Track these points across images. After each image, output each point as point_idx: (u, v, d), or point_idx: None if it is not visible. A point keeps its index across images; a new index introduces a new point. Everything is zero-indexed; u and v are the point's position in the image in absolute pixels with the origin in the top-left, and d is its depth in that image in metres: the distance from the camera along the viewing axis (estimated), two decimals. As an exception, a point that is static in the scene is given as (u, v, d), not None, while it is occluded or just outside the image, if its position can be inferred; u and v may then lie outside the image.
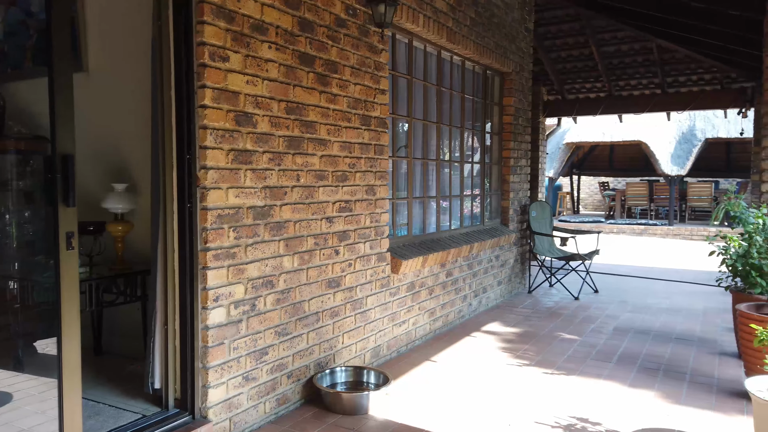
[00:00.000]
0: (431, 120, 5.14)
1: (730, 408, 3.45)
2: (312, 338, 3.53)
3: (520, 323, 5.48)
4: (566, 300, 6.58)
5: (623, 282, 7.78)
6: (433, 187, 5.23)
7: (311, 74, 3.42)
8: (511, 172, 6.72)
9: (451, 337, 5.00)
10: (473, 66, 5.94)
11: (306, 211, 3.42)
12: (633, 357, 4.44)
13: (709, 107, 9.12)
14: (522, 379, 3.94)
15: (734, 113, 14.43)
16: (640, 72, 9.04)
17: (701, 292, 7.15)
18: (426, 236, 5.07)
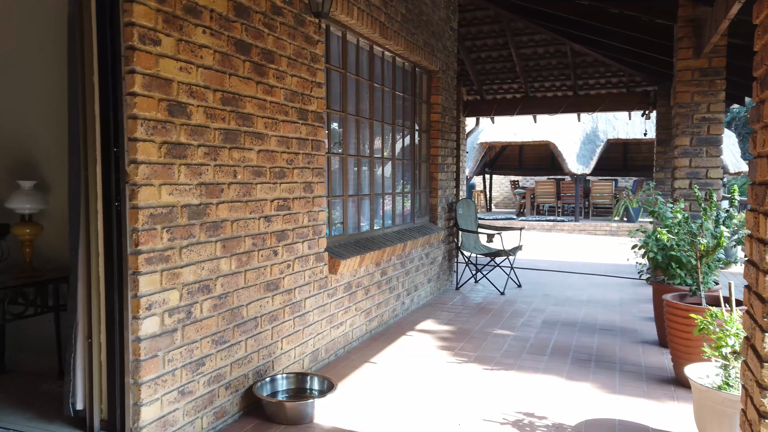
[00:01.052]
0: (364, 116, 5.03)
1: (661, 394, 3.61)
2: (251, 345, 3.31)
3: (453, 320, 5.50)
4: (493, 295, 6.70)
5: (542, 276, 8.06)
6: (366, 184, 5.13)
7: (248, 63, 3.20)
8: (439, 170, 6.75)
9: (388, 336, 4.92)
10: (403, 63, 5.89)
11: (244, 210, 3.20)
12: (565, 349, 4.57)
13: (616, 109, 9.67)
14: (463, 376, 3.93)
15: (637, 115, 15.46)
16: (554, 74, 9.42)
17: (613, 284, 7.54)
18: (361, 235, 4.96)
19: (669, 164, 8.77)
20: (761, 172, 1.96)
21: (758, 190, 1.99)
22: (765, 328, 1.89)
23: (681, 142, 5.17)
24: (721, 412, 2.62)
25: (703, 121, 5.10)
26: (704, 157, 5.12)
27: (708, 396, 2.67)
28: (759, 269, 1.97)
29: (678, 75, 5.19)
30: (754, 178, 2.08)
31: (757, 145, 2.03)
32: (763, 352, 1.90)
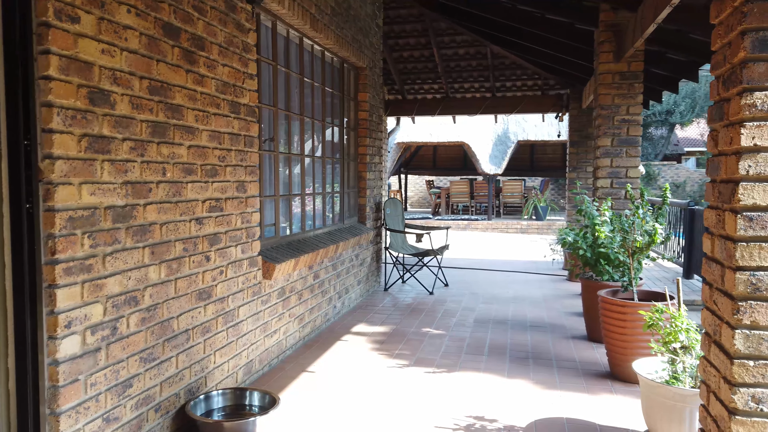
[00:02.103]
0: (295, 112, 4.79)
1: (599, 389, 3.67)
2: (182, 361, 3.00)
3: (386, 322, 5.38)
4: (422, 295, 6.66)
5: (466, 274, 8.14)
6: (297, 184, 4.89)
7: (177, 49, 2.89)
8: (368, 169, 6.62)
9: (322, 343, 4.71)
10: (332, 58, 5.70)
11: (174, 212, 2.89)
12: (501, 348, 4.58)
13: (532, 111, 9.98)
14: (407, 381, 3.81)
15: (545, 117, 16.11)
16: (473, 76, 9.57)
17: (534, 281, 7.75)
18: (293, 237, 4.71)
19: (582, 164, 9.18)
20: (726, 169, 1.98)
21: (723, 187, 2.01)
22: (734, 325, 1.90)
23: (603, 143, 5.36)
24: (671, 406, 2.67)
25: (623, 122, 5.31)
26: (624, 157, 5.33)
27: (658, 391, 2.71)
28: (725, 266, 1.99)
29: (599, 78, 5.37)
30: (716, 176, 2.10)
31: (720, 143, 2.05)
32: (732, 349, 1.91)
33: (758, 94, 1.84)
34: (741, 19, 1.85)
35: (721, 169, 2.03)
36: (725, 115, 2.00)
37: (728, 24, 1.97)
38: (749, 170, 1.86)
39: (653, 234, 3.63)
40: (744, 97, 1.85)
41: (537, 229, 15.91)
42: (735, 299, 1.90)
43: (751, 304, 1.88)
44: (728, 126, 1.98)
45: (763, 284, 1.86)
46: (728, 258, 1.93)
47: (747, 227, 1.87)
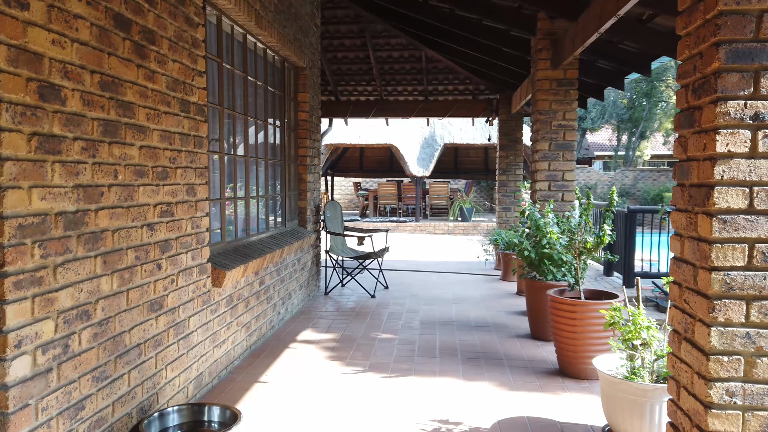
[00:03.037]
0: (239, 112, 4.61)
1: (554, 387, 3.78)
2: (134, 378, 2.79)
3: (333, 327, 5.29)
4: (364, 298, 6.61)
5: (404, 276, 8.18)
6: (242, 186, 4.70)
7: (128, 42, 2.68)
8: (308, 171, 6.50)
9: (270, 351, 4.55)
10: (273, 57, 5.54)
11: (125, 217, 2.68)
12: (452, 349, 4.61)
13: (464, 115, 10.19)
14: (365, 387, 3.75)
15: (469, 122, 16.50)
16: (407, 79, 9.65)
17: (470, 281, 7.90)
18: (238, 242, 4.52)
19: (511, 167, 9.48)
20: (699, 174, 2.07)
21: (695, 191, 2.10)
22: (709, 323, 2.00)
23: (541, 147, 5.54)
24: (633, 401, 2.78)
25: (560, 127, 5.51)
26: (561, 161, 5.54)
27: (620, 387, 2.81)
28: (697, 267, 2.08)
29: (537, 84, 5.56)
30: (685, 180, 2.20)
31: (690, 149, 2.15)
32: (708, 345, 2.00)
33: (732, 103, 1.94)
34: (715, 31, 1.95)
35: (693, 174, 2.12)
36: (696, 122, 2.10)
37: (699, 35, 2.07)
38: (723, 175, 1.95)
39: (602, 235, 3.78)
40: (719, 105, 1.94)
41: (463, 230, 16.28)
42: (710, 298, 1.99)
43: (725, 302, 1.98)
44: (700, 133, 2.07)
45: (736, 283, 1.97)
46: (703, 259, 2.02)
47: (722, 229, 1.96)
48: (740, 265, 1.97)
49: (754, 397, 1.98)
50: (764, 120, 1.93)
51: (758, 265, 1.96)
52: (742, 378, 1.98)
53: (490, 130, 14.19)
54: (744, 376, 1.98)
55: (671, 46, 4.78)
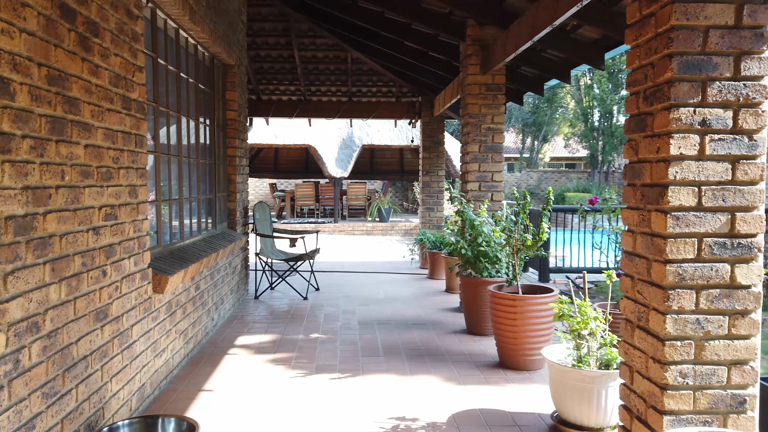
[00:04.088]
0: (173, 110, 4.41)
1: (498, 379, 3.94)
2: (82, 393, 2.61)
3: (270, 331, 5.18)
4: (297, 301, 6.53)
5: (332, 277, 8.16)
6: (176, 187, 4.50)
7: (73, 34, 2.51)
8: (237, 171, 6.32)
9: (209, 359, 4.39)
10: (203, 53, 5.35)
11: (73, 221, 2.50)
12: (394, 347, 4.67)
13: (387, 117, 10.31)
14: (316, 390, 3.72)
15: (387, 123, 16.71)
16: (331, 79, 9.62)
17: (399, 281, 8.02)
18: (173, 245, 4.33)
19: (434, 168, 9.72)
20: (652, 175, 2.26)
21: (648, 190, 2.28)
22: (664, 312, 2.18)
23: (471, 149, 5.74)
24: (582, 388, 2.96)
25: (489, 130, 5.74)
26: (490, 163, 5.77)
27: (570, 375, 2.99)
28: (651, 260, 2.27)
29: (467, 88, 5.75)
30: (637, 180, 2.38)
31: (642, 151, 2.33)
32: (663, 332, 2.18)
33: (683, 110, 2.13)
34: (668, 43, 2.13)
35: (645, 174, 2.31)
36: (648, 127, 2.29)
37: (650, 47, 2.26)
38: (676, 176, 2.14)
39: (541, 233, 3.99)
40: (672, 111, 2.13)
41: (382, 230, 16.46)
42: (665, 288, 2.17)
43: (678, 292, 2.17)
44: (652, 137, 2.26)
45: (688, 274, 2.16)
46: (657, 252, 2.21)
47: (675, 225, 2.15)
48: (691, 258, 2.16)
49: (703, 377, 2.19)
50: (710, 126, 2.14)
51: (706, 257, 2.16)
52: (693, 360, 2.19)
53: (413, 132, 14.46)
54: (694, 359, 2.19)
55: (592, 55, 5.13)
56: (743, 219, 2.16)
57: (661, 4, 2.18)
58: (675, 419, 2.19)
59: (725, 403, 2.20)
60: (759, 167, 2.16)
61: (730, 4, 2.12)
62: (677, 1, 2.10)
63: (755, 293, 2.18)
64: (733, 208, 2.16)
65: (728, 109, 2.14)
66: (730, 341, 2.19)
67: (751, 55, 2.13)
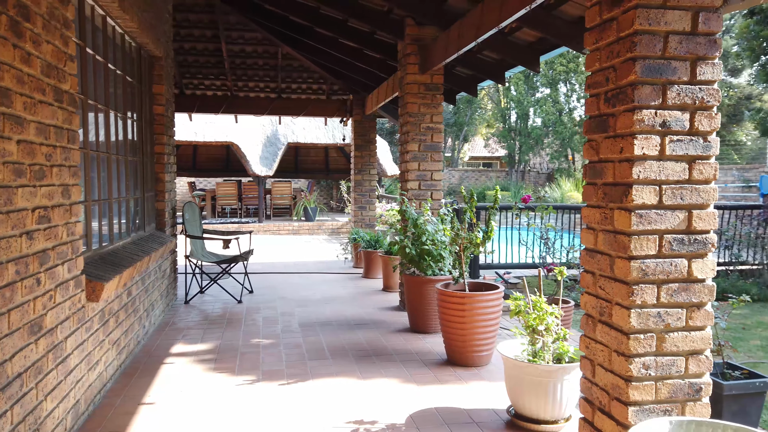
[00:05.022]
0: (101, 103, 4.10)
1: (448, 376, 3.96)
2: (17, 414, 2.35)
3: (207, 338, 4.95)
4: (230, 304, 6.29)
5: (265, 279, 7.93)
6: (106, 186, 4.19)
7: (4, 17, 2.25)
8: (165, 170, 5.99)
9: (144, 369, 4.12)
10: (131, 44, 5.01)
11: (5, 225, 2.24)
12: (340, 349, 4.60)
13: (318, 114, 10.13)
14: (266, 397, 3.58)
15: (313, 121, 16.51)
16: (259, 75, 9.34)
17: (333, 280, 7.93)
18: (103, 249, 4.03)
19: (366, 167, 9.70)
20: (615, 174, 2.33)
21: (611, 189, 2.36)
22: (628, 306, 2.26)
23: (411, 148, 5.76)
24: (538, 382, 3.03)
25: (428, 129, 5.78)
26: (429, 162, 5.81)
27: (527, 370, 3.05)
28: (613, 257, 2.34)
29: (406, 87, 5.76)
30: (598, 180, 2.45)
31: (603, 151, 2.41)
32: (627, 326, 2.26)
33: (646, 111, 2.21)
34: (631, 47, 2.20)
35: (608, 174, 2.38)
36: (610, 128, 2.36)
37: (612, 50, 2.33)
38: (640, 175, 2.22)
39: (490, 230, 4.06)
40: (635, 113, 2.21)
41: (308, 229, 16.26)
42: (629, 284, 2.25)
43: (642, 287, 2.25)
44: (614, 137, 2.33)
45: (650, 269, 2.25)
46: (622, 249, 2.28)
47: (638, 223, 2.23)
48: (653, 254, 2.25)
49: (664, 368, 2.29)
50: (670, 127, 2.23)
51: (666, 252, 2.26)
52: (654, 352, 2.28)
53: (344, 130, 14.36)
54: (656, 351, 2.28)
55: (528, 57, 5.28)
56: (699, 216, 2.28)
57: (623, 9, 2.25)
58: (639, 410, 2.27)
59: (683, 392, 2.31)
60: (713, 167, 2.28)
61: (687, 11, 2.22)
62: (640, 7, 2.18)
63: (709, 286, 2.31)
64: (690, 205, 2.27)
65: (686, 111, 2.25)
66: (687, 332, 2.30)
67: (705, 60, 2.25)
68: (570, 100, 21.43)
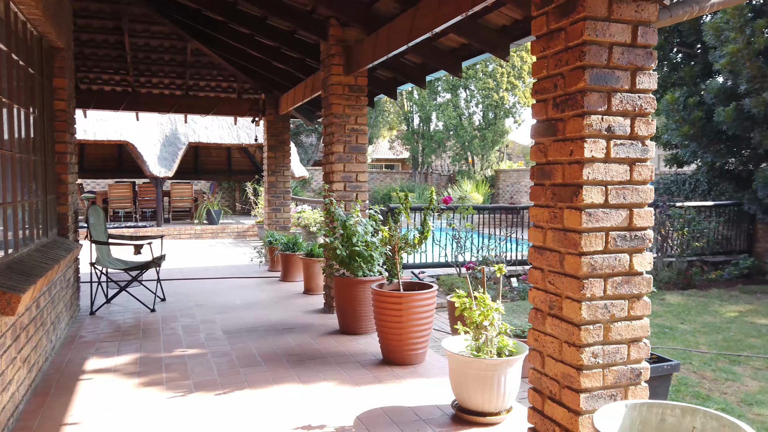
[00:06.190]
0: (5, 96, 3.71)
1: (387, 376, 3.99)
2: (-66, 448, 2.07)
3: (124, 350, 4.63)
4: (143, 314, 5.92)
5: (176, 285, 7.55)
6: (10, 187, 3.79)
7: None
8: (68, 170, 5.53)
9: (59, 387, 3.78)
10: (32, 32, 4.58)
11: None
12: (273, 355, 4.48)
13: (228, 114, 9.78)
14: (204, 409, 3.41)
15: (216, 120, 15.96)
16: (165, 71, 8.86)
17: (250, 285, 7.70)
18: (9, 258, 3.64)
19: (280, 168, 9.51)
20: (565, 175, 2.47)
21: (560, 190, 2.50)
22: (579, 299, 2.40)
23: (336, 149, 5.74)
24: (483, 376, 3.13)
25: (353, 131, 5.79)
26: (354, 163, 5.83)
27: (472, 365, 3.14)
28: (563, 253, 2.48)
29: (330, 89, 5.73)
30: (546, 181, 2.59)
31: (552, 154, 2.54)
32: (578, 318, 2.41)
33: (593, 117, 2.37)
34: (580, 56, 2.35)
35: (557, 175, 2.52)
36: (559, 131, 2.50)
37: (560, 59, 2.47)
38: (589, 176, 2.38)
39: (426, 231, 4.13)
40: (585, 118, 2.35)
41: (212, 233, 15.67)
42: (580, 278, 2.40)
43: (591, 281, 2.41)
44: (564, 141, 2.47)
45: (597, 264, 2.41)
46: (572, 246, 2.42)
47: (588, 221, 2.38)
48: (600, 250, 2.42)
49: (610, 355, 2.46)
50: (614, 132, 2.41)
51: (612, 248, 2.43)
52: (602, 341, 2.44)
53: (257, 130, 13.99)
54: (603, 340, 2.44)
55: (450, 62, 5.45)
56: (638, 214, 2.48)
57: (571, 21, 2.40)
58: (589, 396, 2.42)
59: (626, 377, 2.50)
60: (649, 169, 2.49)
61: (628, 24, 2.41)
62: (588, 18, 2.33)
63: (647, 279, 2.51)
64: (631, 204, 2.46)
65: (627, 117, 2.43)
66: (629, 322, 2.49)
67: (643, 70, 2.45)
68: (470, 105, 22.31)
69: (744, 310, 7.27)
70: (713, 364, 5.14)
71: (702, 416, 2.05)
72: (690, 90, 9.91)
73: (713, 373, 4.91)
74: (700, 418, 2.06)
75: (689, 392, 4.46)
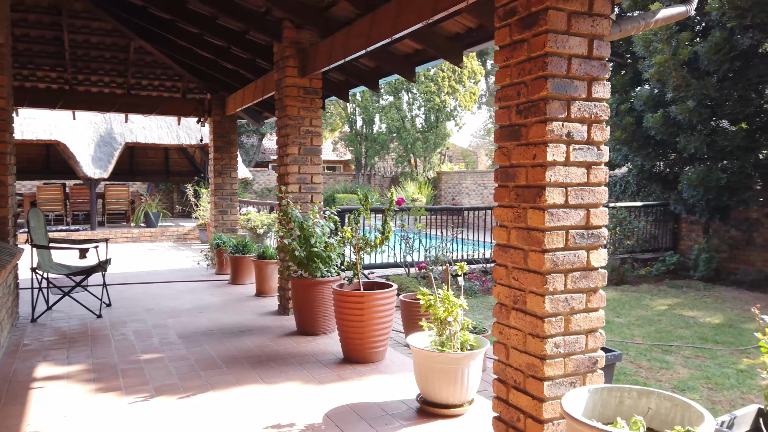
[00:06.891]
0: (-51, 94, 3.53)
1: (350, 374, 4.07)
2: None
3: (75, 358, 4.48)
4: (89, 319, 5.73)
5: (121, 290, 7.31)
6: (-46, 191, 3.62)
7: None
8: (8, 171, 5.30)
9: (10, 397, 3.64)
10: (-28, 26, 4.37)
11: None
12: (232, 357, 4.46)
13: (173, 113, 9.52)
14: (168, 413, 3.38)
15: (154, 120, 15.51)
16: (105, 68, 8.56)
17: (199, 288, 7.56)
18: (-45, 263, 3.48)
19: (227, 170, 9.38)
20: (528, 178, 2.64)
21: (524, 191, 2.66)
22: (543, 294, 2.57)
23: (291, 151, 5.76)
24: (448, 369, 3.27)
25: (308, 133, 5.83)
26: (309, 165, 5.86)
27: (437, 359, 3.27)
28: (527, 251, 2.65)
29: (285, 90, 5.75)
30: (510, 182, 2.75)
31: (516, 157, 2.70)
32: (542, 311, 2.57)
33: (555, 123, 2.54)
34: (543, 66, 2.52)
35: (520, 177, 2.68)
36: (522, 137, 2.66)
37: (523, 68, 2.63)
38: (551, 178, 2.55)
39: (387, 231, 4.23)
40: (547, 124, 2.52)
41: (150, 236, 15.21)
42: (543, 274, 2.57)
43: (553, 276, 2.58)
44: (527, 145, 2.64)
45: (559, 261, 2.59)
46: (536, 244, 2.59)
47: (550, 220, 2.56)
48: (561, 247, 2.59)
49: (570, 345, 2.64)
50: (573, 137, 2.59)
51: (571, 246, 2.62)
52: (563, 333, 2.62)
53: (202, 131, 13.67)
54: (564, 331, 2.62)
55: (405, 67, 5.58)
56: (595, 214, 2.67)
57: (533, 33, 2.56)
58: (552, 384, 2.59)
59: (585, 365, 2.69)
60: (604, 171, 2.69)
61: (585, 38, 2.60)
62: (550, 32, 2.50)
63: (602, 273, 2.72)
64: (589, 204, 2.65)
65: (584, 124, 2.63)
66: (587, 314, 2.68)
67: (599, 80, 2.65)
68: (412, 108, 22.63)
69: (672, 304, 7.79)
70: (648, 354, 5.50)
71: (656, 397, 2.25)
72: (621, 97, 10.51)
73: (648, 362, 5.26)
74: (655, 399, 2.26)
75: (628, 381, 4.77)
